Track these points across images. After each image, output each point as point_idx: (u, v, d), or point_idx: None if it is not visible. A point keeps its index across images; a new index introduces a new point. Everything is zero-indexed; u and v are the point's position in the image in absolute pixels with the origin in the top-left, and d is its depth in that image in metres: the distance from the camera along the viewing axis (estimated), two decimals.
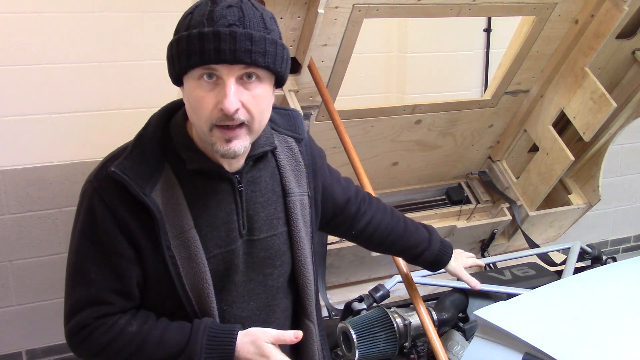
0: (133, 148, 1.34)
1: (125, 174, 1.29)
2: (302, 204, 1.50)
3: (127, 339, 1.34)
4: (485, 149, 3.02)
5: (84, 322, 1.34)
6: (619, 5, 2.40)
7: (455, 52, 3.69)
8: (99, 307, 1.34)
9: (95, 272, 1.33)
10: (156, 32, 3.01)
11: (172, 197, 1.33)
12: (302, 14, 2.06)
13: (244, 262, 1.43)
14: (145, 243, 1.32)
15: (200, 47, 1.21)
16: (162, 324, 1.37)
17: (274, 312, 1.50)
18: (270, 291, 1.48)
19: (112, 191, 1.30)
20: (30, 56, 2.89)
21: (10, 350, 3.13)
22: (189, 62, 1.24)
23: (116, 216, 1.30)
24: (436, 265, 1.92)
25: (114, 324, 1.34)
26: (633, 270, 2.11)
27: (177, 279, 1.34)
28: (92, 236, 1.33)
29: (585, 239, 3.64)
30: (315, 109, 2.43)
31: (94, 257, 1.33)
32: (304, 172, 1.52)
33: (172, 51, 1.28)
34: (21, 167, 2.98)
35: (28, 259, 3.06)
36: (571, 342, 1.66)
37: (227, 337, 1.35)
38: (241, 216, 1.40)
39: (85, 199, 1.34)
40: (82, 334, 1.34)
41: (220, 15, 1.22)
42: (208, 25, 1.22)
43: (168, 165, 1.34)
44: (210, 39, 1.21)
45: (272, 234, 1.46)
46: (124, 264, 1.33)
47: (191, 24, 1.24)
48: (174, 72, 1.30)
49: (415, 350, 1.98)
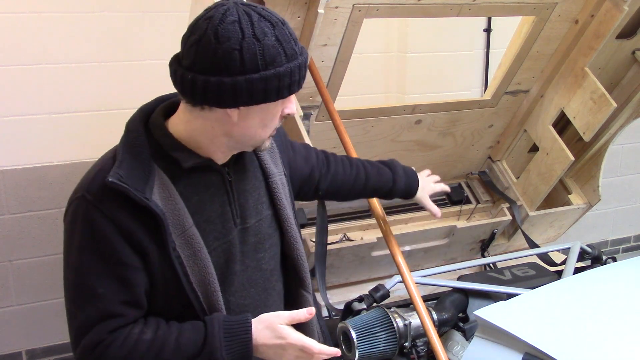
0: (123, 156, 1.34)
1: (123, 182, 1.28)
2: (282, 182, 1.56)
3: (144, 348, 1.33)
4: (485, 149, 3.02)
5: (97, 339, 1.32)
6: (619, 5, 2.40)
7: (455, 52, 3.69)
8: (110, 321, 1.32)
9: (102, 287, 1.31)
10: (156, 32, 3.01)
11: (168, 197, 1.34)
12: (302, 14, 2.06)
13: (240, 251, 1.46)
14: (151, 248, 1.32)
15: (299, 78, 1.32)
16: (175, 327, 1.37)
17: (270, 295, 1.55)
18: (265, 275, 1.53)
19: (111, 201, 1.30)
20: (30, 56, 2.89)
21: (10, 350, 3.13)
22: (289, 92, 1.32)
23: (118, 226, 1.30)
24: (407, 197, 2.02)
25: (128, 335, 1.33)
26: (633, 270, 2.11)
27: (185, 278, 1.35)
28: (94, 251, 1.31)
29: (585, 239, 3.63)
30: (315, 109, 2.43)
31: (99, 272, 1.31)
32: (277, 151, 1.59)
33: (265, 85, 1.27)
34: (21, 167, 2.98)
35: (28, 259, 3.06)
36: (571, 342, 1.66)
37: (242, 327, 1.37)
38: (234, 206, 1.44)
39: (79, 215, 1.32)
40: (97, 352, 1.32)
41: (295, 38, 1.31)
42: (299, 54, 1.31)
43: (157, 168, 1.35)
44: (303, 68, 1.32)
45: (259, 218, 1.50)
46: (130, 273, 1.32)
47: (287, 54, 1.28)
48: (253, 102, 1.30)
49: (415, 350, 1.98)
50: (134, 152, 1.34)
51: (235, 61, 1.24)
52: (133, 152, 1.34)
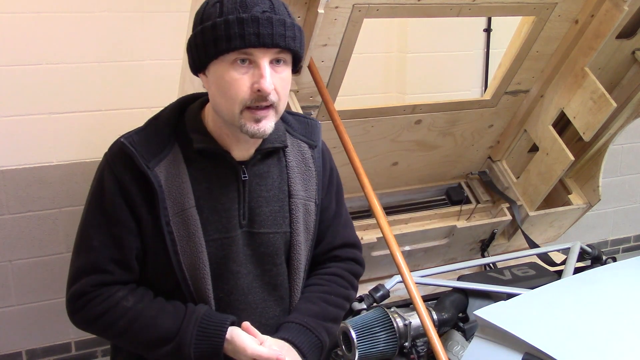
0: (147, 125, 1.42)
1: (132, 145, 1.36)
2: (306, 208, 1.51)
3: (120, 312, 1.37)
4: (485, 149, 3.02)
5: (82, 289, 1.38)
6: (619, 5, 2.40)
7: (455, 52, 3.69)
8: (97, 276, 1.38)
9: (97, 240, 1.38)
10: (156, 32, 3.01)
11: (176, 175, 1.38)
12: (302, 14, 2.06)
13: (244, 254, 1.45)
14: (147, 216, 1.37)
15: (240, 32, 1.26)
16: (158, 305, 1.39)
17: (269, 307, 1.51)
18: (268, 287, 1.50)
19: (120, 162, 1.37)
20: (30, 56, 2.88)
21: (10, 350, 3.13)
22: (228, 46, 1.27)
23: (122, 186, 1.36)
24: None
25: (110, 295, 1.38)
26: (633, 270, 2.11)
27: (174, 256, 1.37)
28: (99, 205, 1.39)
29: (585, 239, 3.64)
30: (315, 109, 2.43)
31: (98, 225, 1.39)
32: (314, 178, 1.53)
33: (202, 38, 1.31)
34: (21, 167, 2.97)
35: (28, 259, 3.06)
36: (571, 342, 1.66)
37: (217, 329, 1.37)
38: (242, 206, 1.43)
39: (98, 171, 1.42)
40: (80, 302, 1.39)
41: (253, 2, 1.28)
42: (243, 12, 1.27)
43: (177, 146, 1.40)
44: (250, 23, 1.26)
45: (274, 231, 1.47)
46: (125, 233, 1.37)
47: (224, 11, 1.28)
48: (200, 60, 1.33)
49: (415, 350, 1.99)
50: (158, 125, 1.41)
51: (195, 24, 1.32)
52: (157, 125, 1.41)
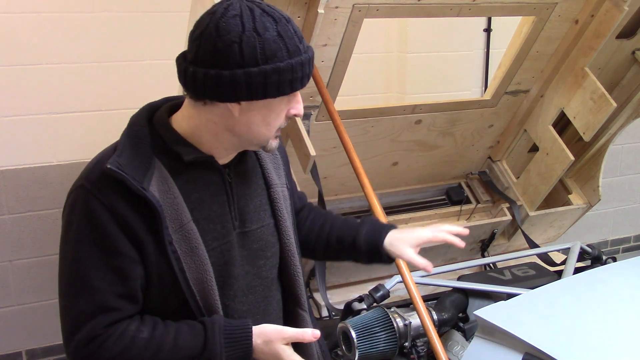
0: (124, 146, 1.33)
1: (121, 170, 1.27)
2: (283, 194, 1.54)
3: (140, 346, 1.31)
4: (485, 149, 3.02)
5: (92, 333, 1.28)
6: (619, 5, 2.40)
7: (455, 52, 3.69)
8: (106, 315, 1.29)
9: (97, 279, 1.29)
10: (156, 32, 3.01)
11: (167, 191, 1.33)
12: (302, 14, 2.06)
13: (240, 255, 1.45)
14: (147, 240, 1.30)
15: (301, 74, 1.30)
16: (173, 327, 1.35)
17: (270, 303, 1.52)
18: (265, 282, 1.50)
19: (109, 190, 1.28)
20: (30, 56, 2.88)
21: (10, 350, 3.13)
22: (295, 86, 1.30)
23: (115, 215, 1.28)
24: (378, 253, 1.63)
25: (123, 331, 1.30)
26: (633, 270, 2.11)
27: (181, 274, 1.33)
28: (91, 241, 1.29)
29: (585, 239, 3.64)
30: (315, 109, 2.43)
31: (95, 263, 1.29)
32: (281, 165, 1.58)
33: (277, 77, 1.26)
34: (21, 167, 2.98)
35: (28, 259, 3.06)
36: (571, 342, 1.66)
37: (243, 333, 1.35)
38: (233, 208, 1.43)
39: (77, 205, 1.30)
40: (91, 347, 1.28)
41: (300, 35, 1.30)
42: (304, 51, 1.30)
43: (158, 161, 1.35)
44: (307, 66, 1.31)
45: (260, 225, 1.48)
46: (127, 264, 1.30)
47: (290, 50, 1.27)
48: (255, 95, 1.28)
49: (415, 350, 1.99)
50: (135, 144, 1.34)
51: (234, 54, 1.23)
52: (134, 143, 1.34)
